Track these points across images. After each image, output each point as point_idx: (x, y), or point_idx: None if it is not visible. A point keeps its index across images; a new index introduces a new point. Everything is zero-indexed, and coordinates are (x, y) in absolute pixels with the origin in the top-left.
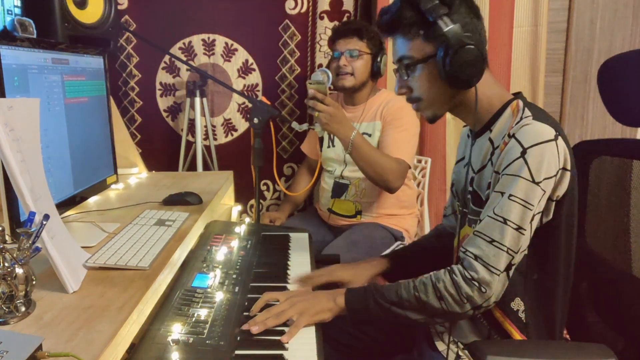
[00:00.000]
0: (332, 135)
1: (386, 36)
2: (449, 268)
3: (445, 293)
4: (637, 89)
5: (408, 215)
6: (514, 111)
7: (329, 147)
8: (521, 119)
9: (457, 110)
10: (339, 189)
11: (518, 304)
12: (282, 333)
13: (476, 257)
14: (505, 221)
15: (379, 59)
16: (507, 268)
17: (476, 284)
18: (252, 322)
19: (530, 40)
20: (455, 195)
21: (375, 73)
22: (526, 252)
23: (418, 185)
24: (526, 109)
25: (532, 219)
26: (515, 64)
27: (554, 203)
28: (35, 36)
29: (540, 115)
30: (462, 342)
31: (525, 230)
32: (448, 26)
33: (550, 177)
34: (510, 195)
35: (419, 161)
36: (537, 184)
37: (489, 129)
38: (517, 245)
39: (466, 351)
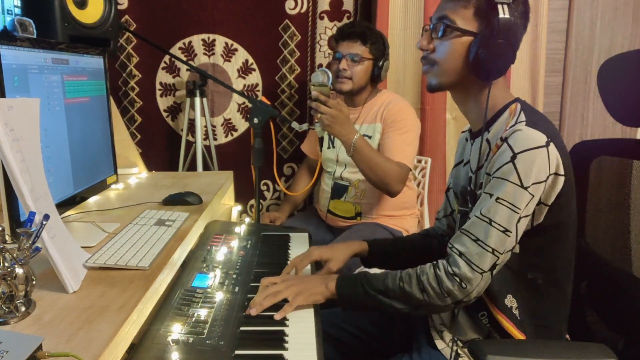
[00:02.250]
0: (332, 136)
1: None
2: (434, 262)
3: (428, 286)
4: (637, 89)
5: (408, 215)
6: (511, 114)
7: (328, 147)
8: (516, 122)
9: (462, 98)
10: (339, 190)
11: (511, 301)
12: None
13: (461, 254)
14: (490, 222)
15: (380, 64)
16: (492, 268)
17: (457, 279)
18: (251, 304)
19: (530, 40)
20: (455, 197)
21: (375, 78)
22: (517, 251)
23: (418, 185)
24: (522, 113)
25: (518, 222)
26: (515, 64)
27: (546, 207)
28: (35, 36)
29: (535, 120)
30: (462, 340)
31: (511, 232)
32: (504, 15)
33: (540, 182)
34: (498, 198)
35: (419, 161)
36: (526, 188)
37: (487, 130)
38: (502, 246)
39: (465, 349)
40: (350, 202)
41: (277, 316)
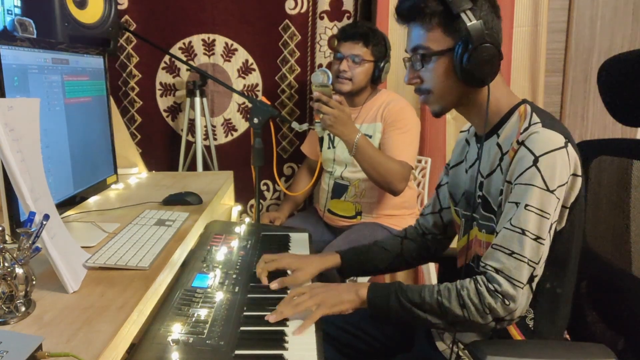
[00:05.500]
0: (332, 136)
1: (403, 23)
2: (474, 277)
3: (468, 301)
4: (637, 89)
5: (408, 215)
6: (522, 116)
7: (329, 148)
8: (530, 125)
9: (465, 109)
10: (339, 190)
11: (526, 311)
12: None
13: (497, 271)
14: (523, 232)
15: (381, 66)
16: (530, 280)
17: (500, 296)
18: (273, 312)
19: (530, 40)
20: (452, 198)
21: (375, 79)
22: None
23: (418, 185)
24: (534, 114)
25: (550, 228)
26: (515, 64)
27: (566, 210)
28: (35, 36)
29: (549, 121)
30: (463, 342)
31: (544, 240)
32: (471, 21)
33: (563, 185)
34: (527, 205)
35: (419, 161)
36: (552, 192)
37: (496, 133)
38: (537, 255)
39: (466, 351)
40: (350, 201)
41: (297, 332)
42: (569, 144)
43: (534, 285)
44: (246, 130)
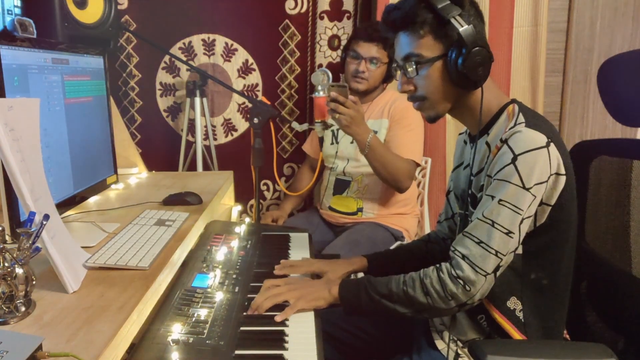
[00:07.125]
0: (336, 132)
1: (391, 33)
2: (437, 265)
3: (431, 289)
4: (637, 89)
5: (408, 215)
6: (510, 115)
7: (331, 143)
8: (515, 124)
9: (458, 112)
10: (341, 185)
11: (514, 303)
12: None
13: (464, 257)
14: (493, 224)
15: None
16: (495, 270)
17: (461, 282)
18: (252, 305)
19: (530, 40)
20: (456, 199)
21: (387, 78)
22: (520, 252)
23: (418, 185)
24: (521, 114)
25: (521, 223)
26: (515, 64)
27: (549, 208)
28: (35, 36)
29: (534, 121)
30: (462, 340)
31: (513, 234)
32: (462, 26)
33: (542, 183)
34: (500, 200)
35: None
36: (528, 189)
37: (487, 133)
38: (505, 248)
39: (465, 349)
40: (352, 197)
41: (278, 318)
42: (552, 144)
43: (498, 273)
44: (246, 130)
